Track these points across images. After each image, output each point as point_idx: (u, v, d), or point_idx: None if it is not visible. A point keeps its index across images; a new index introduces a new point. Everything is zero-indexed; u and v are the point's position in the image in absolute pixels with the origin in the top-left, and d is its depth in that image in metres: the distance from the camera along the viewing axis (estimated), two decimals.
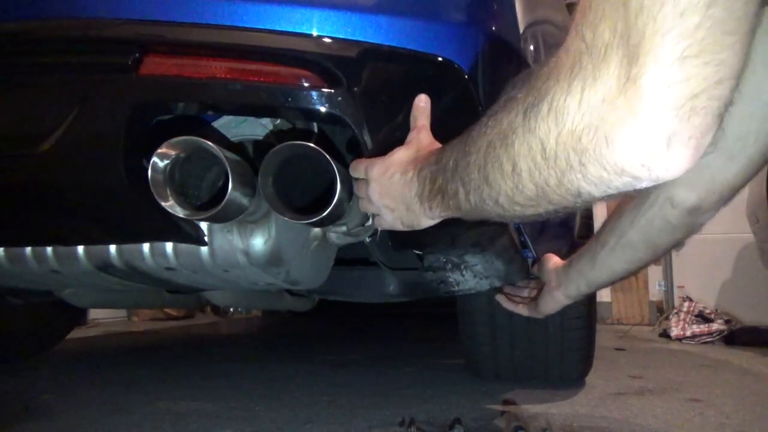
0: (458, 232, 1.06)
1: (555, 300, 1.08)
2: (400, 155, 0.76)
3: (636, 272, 0.97)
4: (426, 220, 0.75)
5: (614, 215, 0.91)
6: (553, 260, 1.11)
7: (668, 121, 0.38)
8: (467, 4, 0.92)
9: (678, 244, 0.86)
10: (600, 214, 4.03)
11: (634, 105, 0.39)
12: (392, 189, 0.76)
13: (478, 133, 0.57)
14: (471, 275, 1.15)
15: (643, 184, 0.43)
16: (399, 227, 0.80)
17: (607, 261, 0.94)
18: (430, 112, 0.84)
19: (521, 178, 0.50)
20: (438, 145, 0.74)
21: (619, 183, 0.43)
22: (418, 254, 1.30)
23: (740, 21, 0.37)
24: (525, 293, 1.21)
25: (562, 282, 1.06)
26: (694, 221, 0.80)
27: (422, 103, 0.82)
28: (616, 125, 0.40)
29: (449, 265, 1.16)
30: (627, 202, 0.88)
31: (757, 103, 0.62)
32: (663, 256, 0.97)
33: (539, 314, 1.14)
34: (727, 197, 0.75)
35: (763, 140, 0.66)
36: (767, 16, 0.56)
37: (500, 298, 1.23)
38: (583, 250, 1.00)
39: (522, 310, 1.19)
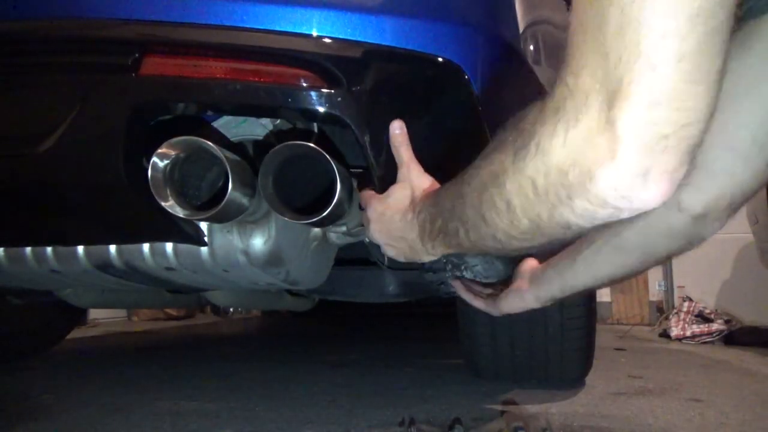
0: None
1: (522, 300, 0.98)
2: (397, 197, 0.80)
3: (617, 282, 0.86)
4: (428, 256, 0.78)
5: None
6: (530, 262, 1.00)
7: (643, 159, 0.43)
8: (467, 4, 0.92)
9: (669, 257, 0.80)
10: None
11: (613, 144, 0.44)
12: (393, 230, 0.79)
13: (471, 175, 0.61)
14: (471, 275, 1.15)
15: (625, 215, 0.48)
16: (401, 260, 0.83)
17: (590, 262, 0.85)
18: (430, 113, 0.84)
19: (515, 214, 0.54)
20: (432, 181, 0.79)
21: (604, 214, 0.48)
22: None
23: (707, 73, 0.42)
24: (488, 288, 1.09)
25: (535, 282, 0.95)
26: (697, 231, 0.75)
27: (397, 130, 0.82)
28: (597, 162, 0.45)
29: (449, 266, 1.15)
30: None
31: None
32: (650, 268, 0.87)
33: (497, 311, 1.02)
34: (736, 204, 0.72)
35: None
36: None
37: (457, 284, 1.11)
38: (565, 251, 0.90)
39: (478, 303, 1.07)
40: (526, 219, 0.54)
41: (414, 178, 0.80)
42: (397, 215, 0.78)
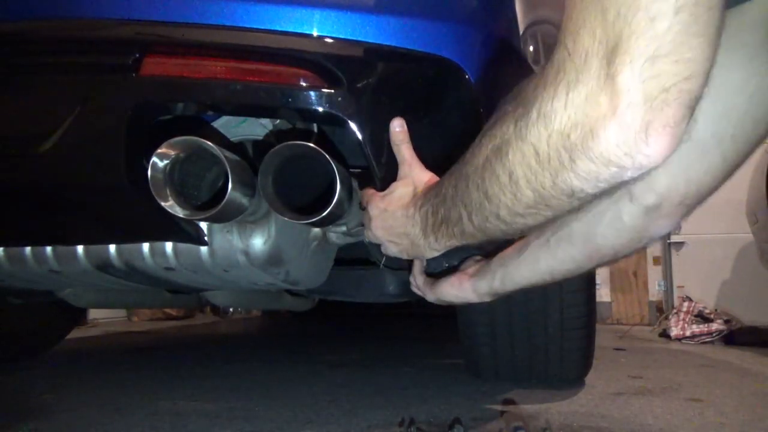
0: None
1: (460, 289, 0.91)
2: (399, 193, 0.80)
3: (557, 278, 0.82)
4: (430, 251, 0.78)
5: None
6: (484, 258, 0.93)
7: (644, 112, 0.43)
8: (467, 4, 0.92)
9: (616, 257, 0.76)
10: None
11: (614, 100, 0.44)
12: (395, 226, 0.79)
13: (473, 153, 0.60)
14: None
15: (629, 173, 0.47)
16: (404, 257, 0.82)
17: (534, 254, 0.81)
18: (430, 112, 0.84)
19: (519, 186, 0.54)
20: (432, 176, 0.78)
21: (607, 174, 0.47)
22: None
23: (706, 25, 0.42)
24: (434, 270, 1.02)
25: (477, 274, 0.90)
26: (646, 225, 0.71)
27: (398, 128, 0.82)
28: (599, 119, 0.45)
29: (450, 267, 1.16)
30: None
31: (734, 100, 0.63)
32: (592, 267, 0.80)
33: (431, 295, 0.96)
34: (690, 202, 0.69)
35: (740, 140, 0.66)
36: (746, 17, 0.59)
37: (416, 268, 1.03)
38: (515, 245, 0.85)
39: (419, 280, 1.00)
40: (529, 190, 0.53)
41: (415, 175, 0.81)
42: (399, 211, 0.78)
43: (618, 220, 0.72)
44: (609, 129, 0.44)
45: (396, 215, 0.79)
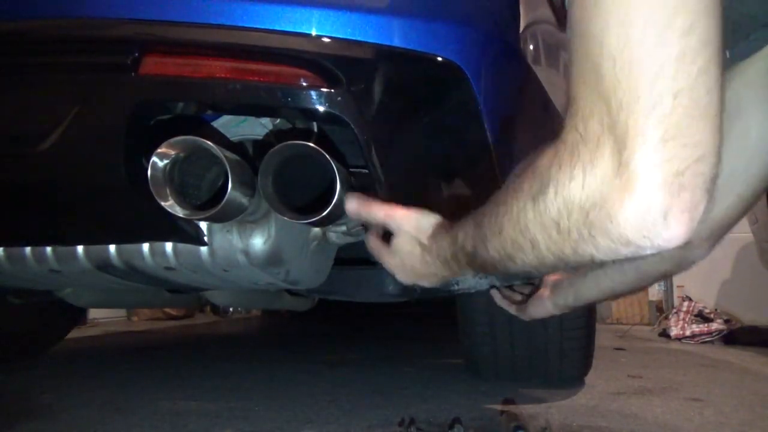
0: None
1: (543, 307, 1.10)
2: (406, 251, 0.81)
3: (622, 295, 0.99)
4: (462, 277, 0.82)
5: None
6: None
7: (661, 198, 0.44)
8: (468, 4, 0.92)
9: (665, 276, 0.91)
10: None
11: (630, 185, 0.45)
12: (419, 272, 0.81)
13: (491, 221, 0.62)
14: (471, 274, 1.15)
15: (648, 251, 0.48)
16: (438, 286, 0.86)
17: (597, 279, 0.96)
18: (430, 112, 0.84)
19: (541, 251, 0.55)
20: (421, 215, 0.78)
21: (627, 252, 0.49)
22: None
23: (707, 106, 0.44)
24: (519, 295, 1.23)
25: (554, 291, 1.08)
26: (684, 255, 0.81)
27: (353, 203, 0.83)
28: (616, 204, 0.46)
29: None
30: None
31: (743, 142, 0.69)
32: (649, 285, 1.00)
33: (526, 317, 1.15)
34: (717, 233, 0.78)
35: (752, 178, 0.72)
36: (752, 67, 0.67)
37: (494, 292, 1.25)
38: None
39: (511, 308, 1.20)
40: (551, 255, 0.55)
41: (409, 227, 0.80)
42: (416, 263, 0.80)
43: (657, 255, 0.74)
44: (627, 214, 0.45)
45: (415, 267, 0.81)
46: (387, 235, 0.85)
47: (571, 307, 1.08)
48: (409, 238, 0.80)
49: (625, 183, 0.45)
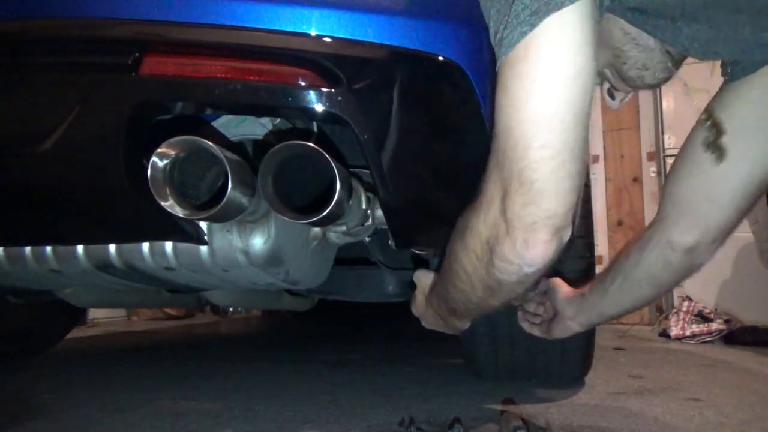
0: None
1: (567, 329, 1.17)
2: (418, 300, 1.11)
3: (645, 306, 1.10)
4: (463, 326, 1.10)
5: (621, 255, 1.03)
6: (563, 289, 1.17)
7: (523, 234, 0.67)
8: (468, 3, 0.92)
9: (678, 283, 0.98)
10: (599, 212, 3.99)
11: (507, 226, 0.68)
12: (433, 322, 1.12)
13: (445, 262, 0.86)
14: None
15: (525, 269, 0.71)
16: (455, 333, 1.15)
17: (616, 297, 1.04)
18: (430, 112, 0.85)
19: (471, 279, 0.79)
20: (430, 274, 1.07)
21: (512, 269, 0.72)
22: (423, 258, 1.30)
23: (557, 187, 0.65)
24: (539, 318, 1.27)
25: (575, 313, 1.14)
26: (692, 261, 0.94)
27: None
28: (500, 236, 0.69)
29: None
30: (632, 243, 1.01)
31: (743, 164, 0.83)
32: (666, 294, 1.09)
33: (550, 337, 1.22)
34: (719, 239, 0.91)
35: (749, 194, 0.86)
36: (744, 84, 0.80)
37: (520, 317, 1.30)
38: (594, 284, 1.10)
39: (536, 331, 1.26)
40: (477, 281, 0.78)
41: (417, 280, 1.11)
42: (428, 312, 1.09)
43: (668, 264, 0.95)
44: (505, 243, 0.69)
45: (428, 316, 1.10)
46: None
47: (596, 325, 1.19)
48: (418, 290, 1.12)
49: (506, 225, 0.68)
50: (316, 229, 1.17)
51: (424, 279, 1.08)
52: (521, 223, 0.66)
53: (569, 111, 0.64)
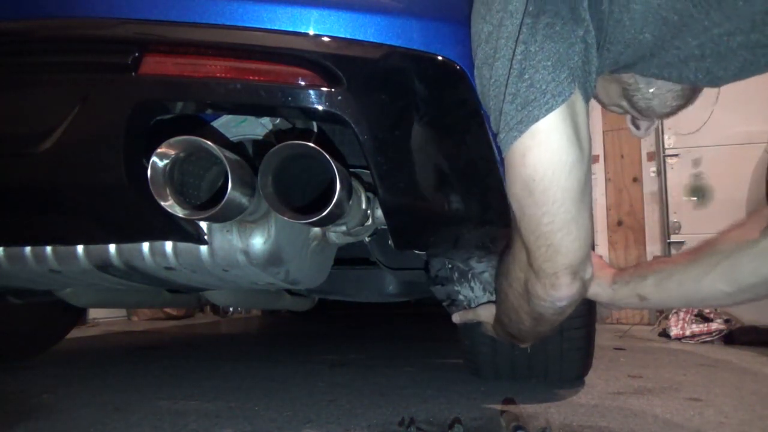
0: (461, 232, 1.07)
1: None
2: (490, 331, 1.20)
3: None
4: (527, 344, 1.18)
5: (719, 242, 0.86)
6: (606, 270, 1.00)
7: (549, 282, 0.81)
8: (467, 3, 0.92)
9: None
10: (599, 213, 3.97)
11: (535, 273, 0.82)
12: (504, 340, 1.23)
13: (497, 298, 1.04)
14: (480, 287, 1.15)
15: (558, 304, 0.84)
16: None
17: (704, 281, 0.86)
18: (430, 112, 0.85)
19: (518, 312, 0.94)
20: (488, 310, 1.17)
21: (546, 304, 0.85)
22: (424, 261, 1.30)
23: (568, 249, 0.78)
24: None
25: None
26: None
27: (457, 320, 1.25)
28: (531, 281, 0.84)
29: (456, 274, 1.16)
30: (730, 232, 0.85)
31: None
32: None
33: (615, 307, 1.14)
34: None
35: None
36: None
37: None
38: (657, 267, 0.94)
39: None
40: (524, 314, 0.92)
41: (481, 313, 1.19)
42: (499, 338, 1.19)
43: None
44: (537, 286, 0.83)
45: (497, 337, 1.19)
46: None
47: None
48: (486, 323, 1.20)
49: (534, 273, 0.82)
50: (316, 229, 1.17)
51: (485, 312, 1.16)
52: (544, 273, 0.80)
53: (568, 197, 0.73)
